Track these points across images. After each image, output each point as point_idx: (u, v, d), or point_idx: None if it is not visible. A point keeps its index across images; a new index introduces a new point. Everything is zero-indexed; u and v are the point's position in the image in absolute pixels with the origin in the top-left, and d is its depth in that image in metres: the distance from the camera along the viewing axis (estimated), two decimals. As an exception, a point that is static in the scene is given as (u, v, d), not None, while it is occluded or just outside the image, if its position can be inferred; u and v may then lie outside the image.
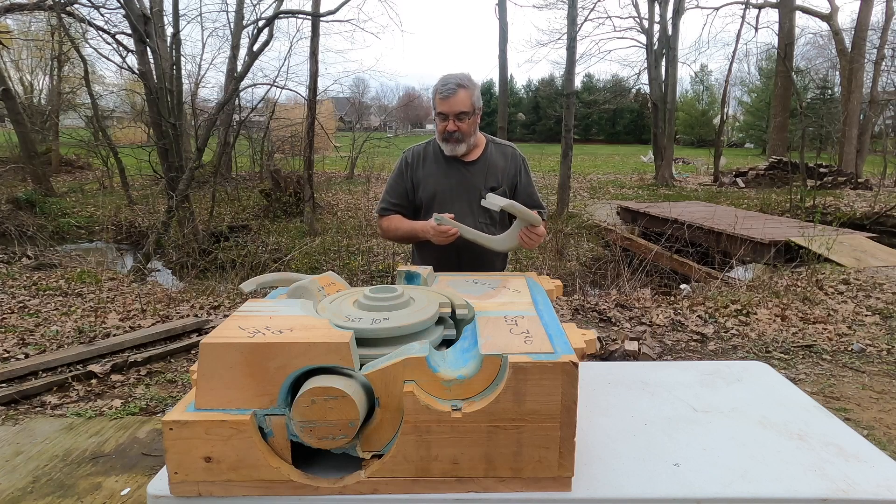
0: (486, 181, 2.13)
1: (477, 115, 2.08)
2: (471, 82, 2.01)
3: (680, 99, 34.60)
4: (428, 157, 2.17)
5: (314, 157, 11.62)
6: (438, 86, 2.01)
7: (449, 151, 2.09)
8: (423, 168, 2.17)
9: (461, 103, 1.99)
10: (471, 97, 2.01)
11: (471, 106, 2.02)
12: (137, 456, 2.53)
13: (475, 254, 2.06)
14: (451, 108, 1.99)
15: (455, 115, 2.00)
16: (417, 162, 2.18)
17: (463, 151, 2.09)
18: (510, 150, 2.21)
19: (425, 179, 2.16)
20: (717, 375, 1.71)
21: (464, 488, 1.10)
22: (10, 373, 3.24)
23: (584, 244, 9.48)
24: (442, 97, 1.99)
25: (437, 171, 2.15)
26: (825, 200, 11.43)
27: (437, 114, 2.04)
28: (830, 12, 18.30)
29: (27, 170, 12.69)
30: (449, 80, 2.00)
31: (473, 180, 2.13)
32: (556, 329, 1.23)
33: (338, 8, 9.73)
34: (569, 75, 11.61)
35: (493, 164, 2.16)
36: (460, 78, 2.00)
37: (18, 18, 14.72)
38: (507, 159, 2.18)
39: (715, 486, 1.14)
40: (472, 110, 2.03)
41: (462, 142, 2.06)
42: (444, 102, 2.00)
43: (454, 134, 2.03)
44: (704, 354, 3.85)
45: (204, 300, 5.03)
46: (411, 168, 2.18)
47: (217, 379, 1.07)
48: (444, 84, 1.99)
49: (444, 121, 2.03)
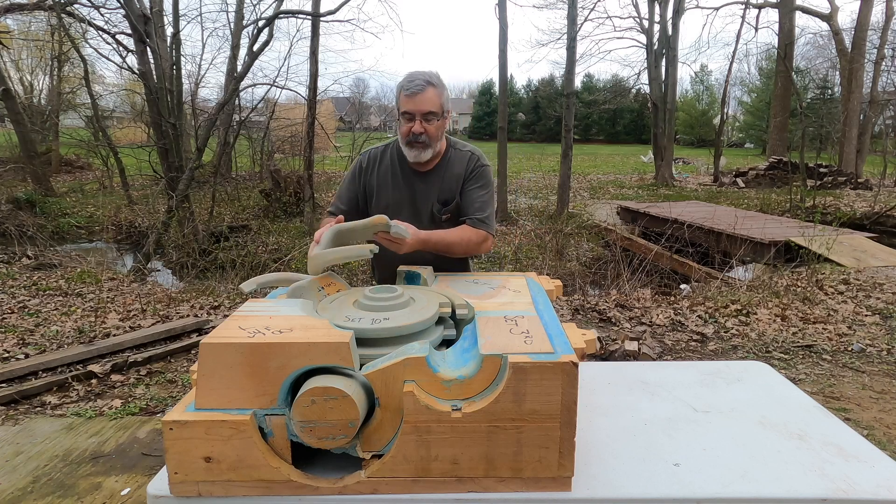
0: (439, 193, 1.94)
1: (445, 120, 1.88)
2: (440, 82, 1.83)
3: (680, 99, 34.59)
4: (384, 163, 1.99)
5: (314, 156, 11.62)
6: (404, 82, 1.82)
7: (413, 158, 1.88)
8: (378, 175, 1.99)
9: (429, 102, 1.80)
10: (440, 97, 1.82)
11: (440, 107, 1.83)
12: (137, 456, 2.53)
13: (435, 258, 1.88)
14: (418, 106, 1.79)
15: (422, 114, 1.80)
16: (373, 167, 2.00)
17: (428, 158, 1.88)
18: (468, 154, 1.98)
19: (378, 189, 1.98)
20: (716, 375, 1.71)
21: (464, 488, 1.10)
22: (10, 373, 3.24)
23: (584, 244, 9.48)
24: (408, 94, 1.79)
25: (390, 181, 1.97)
26: (825, 200, 11.43)
27: (402, 113, 1.83)
28: (830, 12, 18.31)
29: (27, 170, 12.69)
30: (416, 76, 1.81)
31: (427, 193, 1.95)
32: (556, 329, 1.23)
33: (338, 8, 9.75)
34: (569, 75, 11.61)
35: (450, 174, 1.95)
36: (429, 75, 1.82)
37: (18, 18, 14.75)
38: (464, 164, 1.96)
39: (715, 486, 1.14)
40: (440, 112, 1.83)
41: (428, 147, 1.86)
42: (410, 100, 1.80)
43: (420, 137, 1.82)
44: (704, 354, 3.85)
45: (204, 300, 5.03)
46: (365, 173, 2.00)
47: (217, 379, 1.07)
48: (410, 80, 1.80)
49: (410, 121, 1.82)
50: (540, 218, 10.90)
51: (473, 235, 1.88)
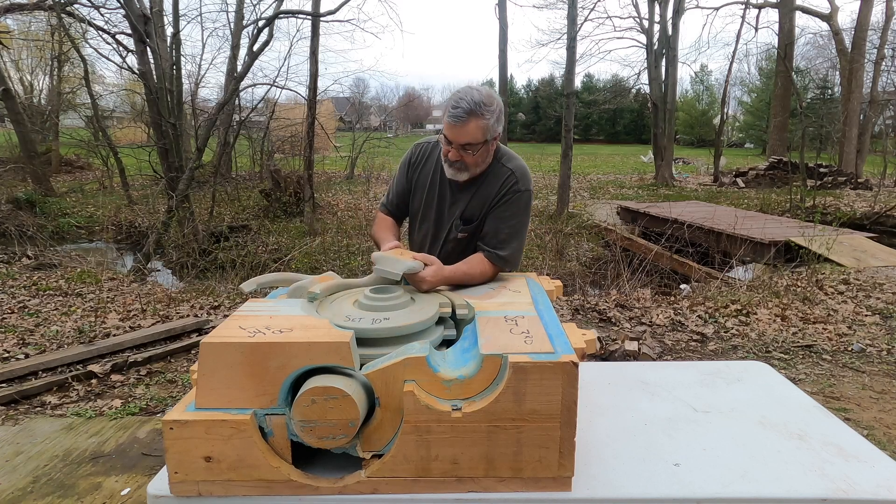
0: (465, 209, 1.83)
1: (489, 145, 1.74)
2: (487, 108, 1.65)
3: (680, 99, 34.58)
4: (429, 163, 1.91)
5: (314, 157, 11.62)
6: (450, 103, 1.68)
7: (450, 175, 1.79)
8: (422, 173, 1.92)
9: (467, 134, 1.66)
10: (483, 128, 1.66)
11: (481, 137, 1.68)
12: (137, 456, 2.53)
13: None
14: (456, 137, 1.68)
15: (460, 145, 1.69)
16: (420, 163, 1.93)
17: (465, 179, 1.78)
18: (507, 173, 1.80)
19: (416, 189, 1.94)
20: (716, 375, 1.71)
21: (464, 488, 1.10)
22: (10, 373, 3.24)
23: (584, 244, 9.48)
24: (448, 120, 1.67)
25: (427, 184, 1.90)
26: (825, 200, 11.43)
27: (443, 134, 1.73)
28: (830, 12, 18.31)
29: (27, 170, 12.69)
30: (462, 101, 1.64)
31: (455, 205, 1.85)
32: (557, 329, 1.23)
33: (338, 8, 9.75)
34: (569, 75, 11.61)
35: (482, 192, 1.81)
36: (476, 102, 1.64)
37: (18, 18, 14.74)
38: (498, 185, 1.80)
39: (715, 486, 1.14)
40: (481, 141, 1.69)
41: (465, 171, 1.75)
42: (450, 129, 1.67)
43: (455, 164, 1.74)
44: (704, 354, 3.85)
45: (204, 300, 5.03)
46: (413, 168, 1.95)
47: (217, 378, 1.07)
48: (455, 105, 1.65)
49: (447, 145, 1.72)
50: (540, 218, 10.89)
51: (490, 270, 1.74)
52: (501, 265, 1.76)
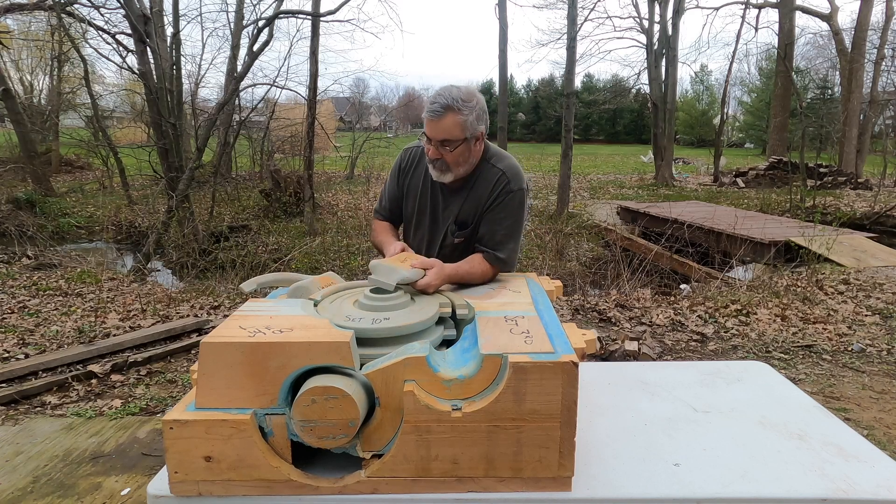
0: (458, 213, 1.81)
1: (470, 143, 1.69)
2: (465, 104, 1.63)
3: (680, 99, 34.58)
4: (420, 167, 1.89)
5: (314, 157, 11.62)
6: (429, 100, 1.67)
7: (434, 177, 1.77)
8: (412, 178, 1.91)
9: (444, 130, 1.64)
10: (461, 123, 1.63)
11: (459, 134, 1.65)
12: (137, 456, 2.53)
13: None
14: (434, 133, 1.65)
15: (438, 141, 1.66)
16: (411, 168, 1.91)
17: (449, 180, 1.76)
18: (498, 174, 1.77)
19: (408, 194, 1.93)
20: (716, 375, 1.71)
21: (464, 488, 1.10)
22: (10, 373, 3.24)
23: (584, 244, 9.48)
24: (427, 117, 1.66)
25: (419, 189, 1.89)
26: (825, 200, 11.43)
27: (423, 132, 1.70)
28: (830, 12, 18.31)
29: (27, 170, 12.68)
30: (439, 98, 1.63)
31: (449, 209, 1.84)
32: (557, 329, 1.23)
33: (338, 8, 9.74)
34: (569, 75, 11.61)
35: (474, 194, 1.79)
36: (453, 98, 1.62)
37: (18, 18, 14.73)
38: (490, 186, 1.77)
39: (715, 486, 1.14)
40: (460, 139, 1.65)
41: (448, 171, 1.72)
42: (428, 124, 1.66)
43: (436, 162, 1.71)
44: (704, 354, 3.85)
45: (204, 300, 5.03)
46: (403, 174, 1.93)
47: (217, 378, 1.07)
48: (432, 101, 1.64)
49: (428, 143, 1.69)
50: (540, 218, 10.89)
51: (490, 271, 1.74)
52: (500, 266, 1.76)
